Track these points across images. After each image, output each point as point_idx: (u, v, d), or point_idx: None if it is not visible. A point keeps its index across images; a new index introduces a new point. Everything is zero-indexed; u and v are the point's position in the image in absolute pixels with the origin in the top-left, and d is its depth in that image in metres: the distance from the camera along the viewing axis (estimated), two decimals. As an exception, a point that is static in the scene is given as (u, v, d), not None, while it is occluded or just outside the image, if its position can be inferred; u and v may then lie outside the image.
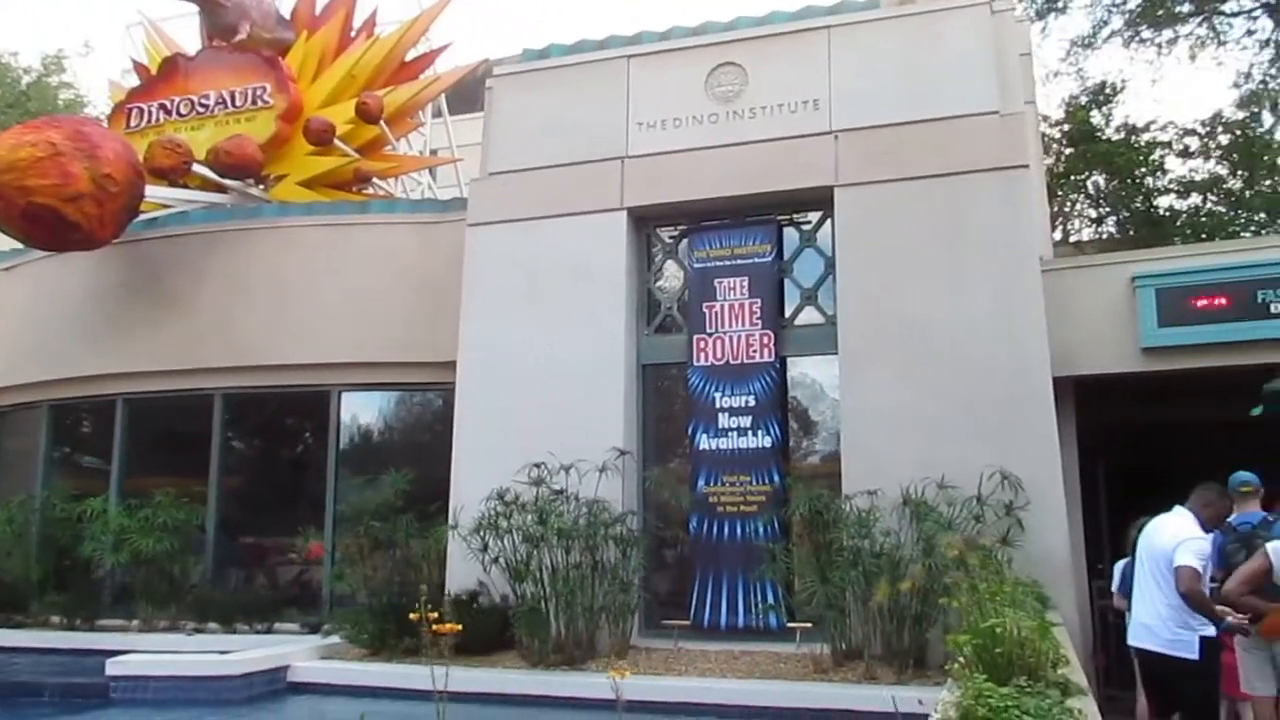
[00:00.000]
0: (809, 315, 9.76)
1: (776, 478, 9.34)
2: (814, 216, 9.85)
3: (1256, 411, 4.70)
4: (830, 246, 9.57)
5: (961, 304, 8.84)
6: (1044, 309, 8.76)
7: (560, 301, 10.02)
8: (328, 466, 11.39)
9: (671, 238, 10.40)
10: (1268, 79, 22.70)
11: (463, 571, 9.41)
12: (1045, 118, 22.31)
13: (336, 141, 13.12)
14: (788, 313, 9.84)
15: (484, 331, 10.22)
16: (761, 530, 9.24)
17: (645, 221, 10.32)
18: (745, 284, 9.79)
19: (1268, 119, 22.43)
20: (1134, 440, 11.19)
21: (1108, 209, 22.91)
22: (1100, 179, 22.50)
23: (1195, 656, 5.95)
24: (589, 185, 10.17)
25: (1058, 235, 22.56)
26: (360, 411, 11.85)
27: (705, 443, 9.66)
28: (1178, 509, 6.34)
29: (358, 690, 8.42)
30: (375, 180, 13.64)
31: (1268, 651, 6.30)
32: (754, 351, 9.64)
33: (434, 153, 16.16)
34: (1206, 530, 6.21)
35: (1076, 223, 23.93)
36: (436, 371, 10.92)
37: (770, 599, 9.04)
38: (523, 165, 10.51)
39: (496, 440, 9.78)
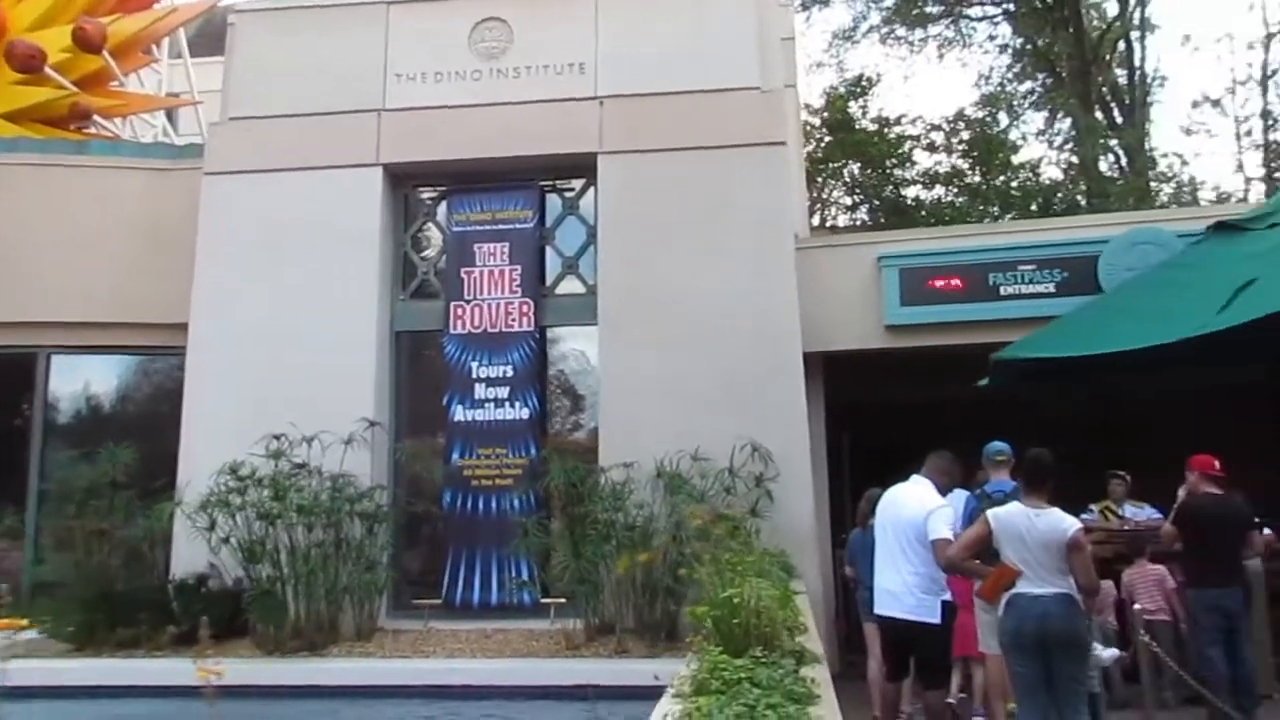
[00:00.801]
0: (570, 284, 9.56)
1: (534, 450, 9.09)
2: (578, 184, 9.64)
3: (983, 383, 4.90)
4: (593, 215, 9.39)
5: (719, 277, 8.88)
6: (797, 285, 8.94)
7: (307, 261, 9.31)
8: (33, 439, 10.17)
9: (430, 199, 9.91)
10: (1005, 82, 24.55)
11: (190, 553, 8.60)
12: (807, 106, 23.19)
13: (49, 71, 11.66)
14: (549, 281, 9.59)
15: (221, 291, 9.37)
16: (518, 504, 8.97)
17: (402, 180, 9.77)
18: (505, 250, 9.45)
19: (1004, 119, 24.27)
20: (880, 416, 11.70)
21: (861, 197, 24.12)
22: (855, 168, 23.66)
23: (938, 621, 6.17)
24: (341, 138, 9.50)
25: (816, 220, 23.54)
26: (77, 378, 10.65)
27: (461, 414, 9.27)
28: (915, 478, 6.55)
29: (61, 691, 7.48)
30: (99, 119, 12.26)
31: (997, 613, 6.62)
32: (513, 320, 9.33)
33: (175, 96, 14.78)
34: (944, 495, 6.43)
35: (833, 209, 25.08)
36: (167, 334, 9.90)
37: (525, 575, 8.79)
38: (268, 112, 9.68)
39: (232, 410, 9.00)
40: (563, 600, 8.37)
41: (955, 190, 23.04)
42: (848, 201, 24.81)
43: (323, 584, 8.29)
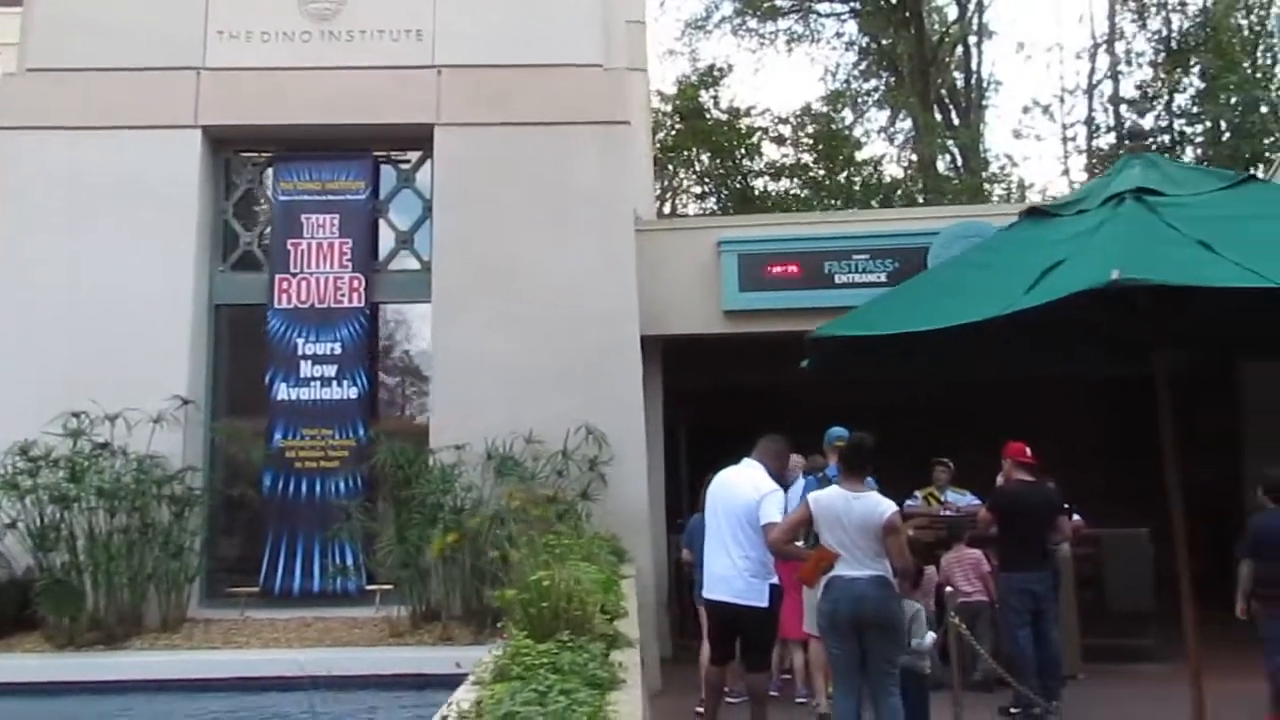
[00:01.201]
0: (404, 260, 9.22)
1: (362, 431, 8.72)
2: (414, 156, 9.30)
3: (805, 364, 4.90)
4: (429, 188, 9.07)
5: (558, 256, 8.72)
6: (636, 267, 8.87)
7: (115, 227, 8.65)
8: None
9: (255, 165, 9.37)
10: (851, 79, 25.21)
11: (-30, 541, 7.89)
12: (660, 93, 23.26)
13: None
14: (381, 256, 9.23)
15: (15, 256, 8.62)
16: (344, 488, 8.61)
17: (224, 144, 9.21)
18: (335, 222, 9.03)
19: (849, 116, 24.93)
20: (719, 401, 11.79)
21: (709, 186, 24.38)
22: (705, 157, 23.90)
23: (765, 604, 6.17)
24: (155, 96, 8.86)
25: (667, 209, 23.69)
26: None
27: (285, 393, 8.82)
28: (747, 461, 6.55)
29: None
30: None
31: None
32: (342, 295, 8.93)
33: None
34: (777, 479, 6.44)
35: (684, 198, 25.28)
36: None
37: (349, 561, 8.44)
38: (73, 64, 8.94)
39: (28, 386, 8.28)
40: (389, 587, 8.07)
41: (800, 183, 23.54)
42: (697, 190, 25.06)
43: (125, 572, 7.75)
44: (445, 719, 2.43)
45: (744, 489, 6.26)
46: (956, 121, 23.58)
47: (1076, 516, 8.43)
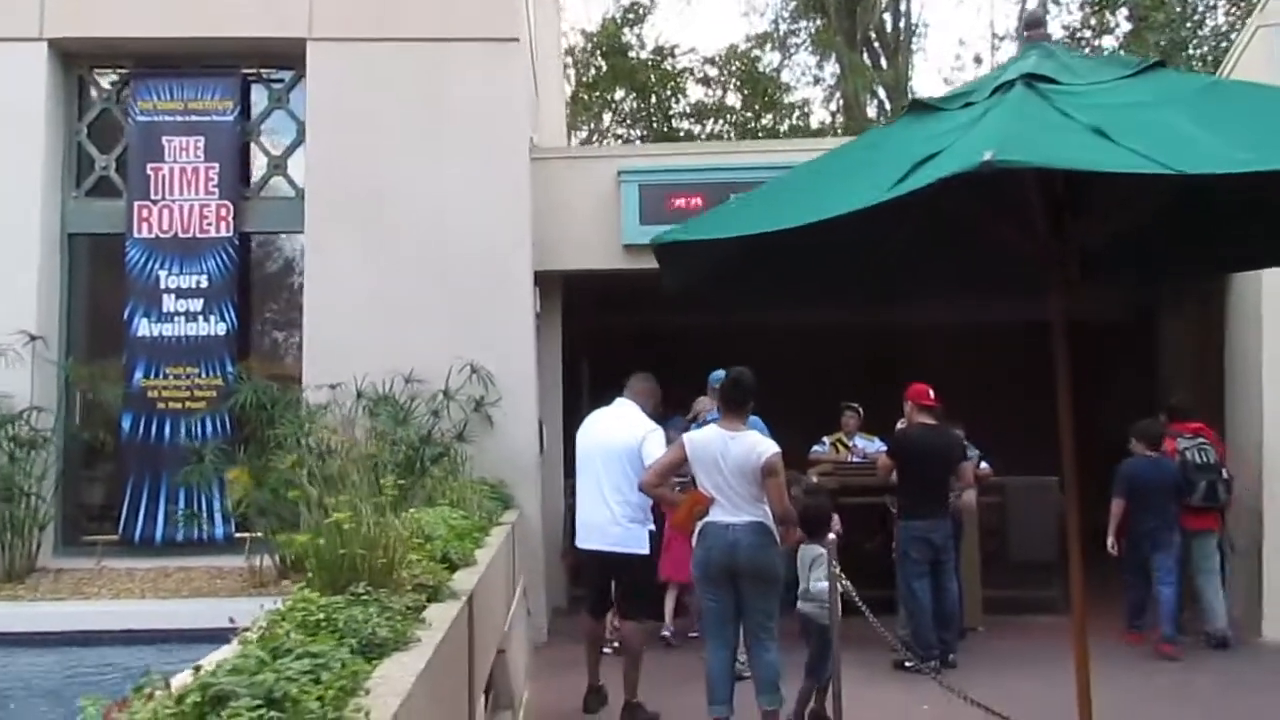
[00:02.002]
0: (277, 186, 8.59)
1: (230, 370, 8.13)
2: (287, 75, 8.61)
3: (665, 285, 4.36)
4: (305, 110, 8.41)
5: (443, 184, 8.15)
6: (530, 196, 8.36)
7: (-48, 148, 7.90)
8: None
9: (112, 83, 8.62)
10: (779, 20, 24.65)
11: None
12: (583, 32, 22.53)
13: None
14: (252, 182, 8.58)
15: None
16: (210, 429, 8.05)
17: (75, 59, 8.43)
18: (201, 145, 8.34)
19: (776, 58, 24.41)
20: (623, 343, 11.36)
21: (632, 128, 23.75)
22: (631, 101, 23.26)
23: (645, 551, 5.92)
24: (-7, 3, 8.07)
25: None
26: None
27: (146, 328, 8.19)
28: (620, 401, 6.20)
29: None
30: None
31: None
32: (209, 224, 8.28)
33: None
34: (655, 419, 6.13)
35: (609, 139, 24.62)
36: None
37: (216, 506, 7.91)
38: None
39: None
40: (259, 534, 7.56)
41: (725, 125, 23.03)
42: (620, 133, 24.40)
43: (-37, 520, 7.15)
44: (141, 688, 1.97)
45: (621, 430, 5.94)
46: (885, 65, 23.20)
47: (985, 464, 8.20)
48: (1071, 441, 3.53)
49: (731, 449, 5.11)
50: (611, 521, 5.84)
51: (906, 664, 6.53)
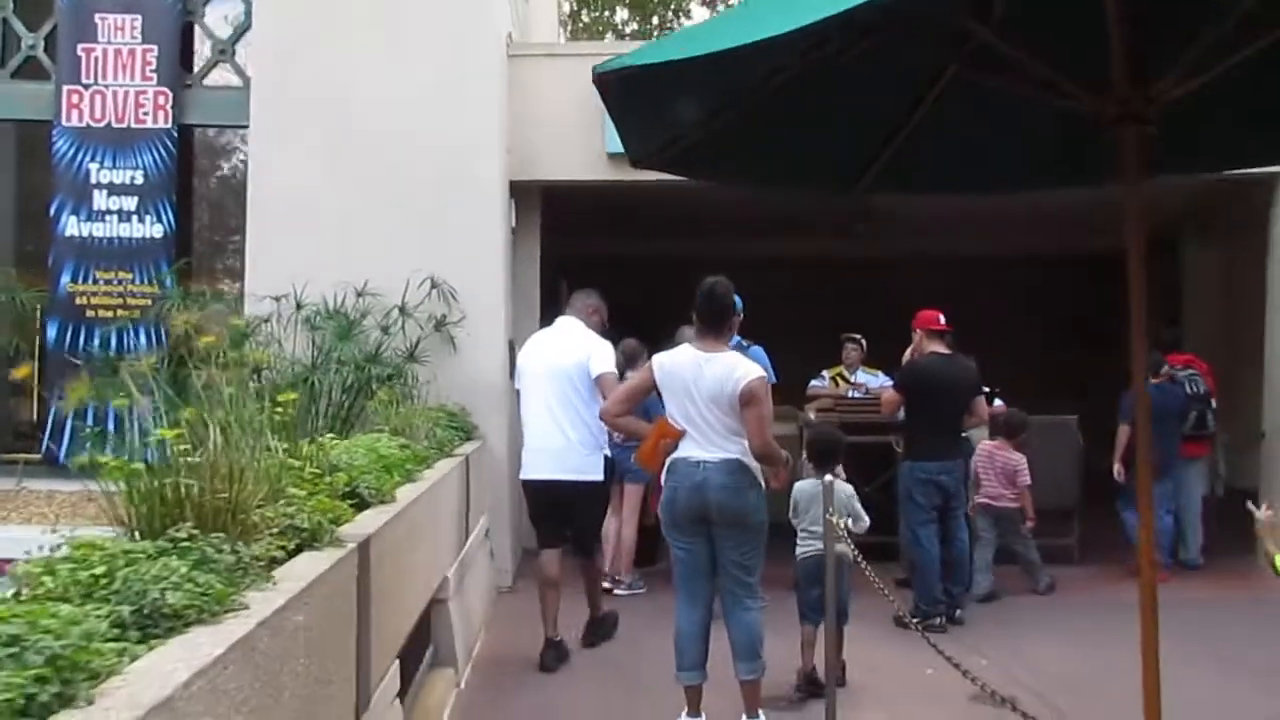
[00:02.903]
0: (222, 75, 7.75)
1: (168, 276, 7.37)
2: (236, -52, 7.71)
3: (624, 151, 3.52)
4: (255, -11, 7.54)
5: (405, 76, 7.29)
6: (506, 96, 7.51)
7: None
8: None
9: (39, -49, 7.73)
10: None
11: None
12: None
13: None
14: (196, 69, 7.72)
15: None
16: (144, 340, 7.32)
17: (-3, -78, 7.55)
18: (137, 25, 7.49)
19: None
20: (611, 270, 10.61)
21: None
22: (635, 23, 22.30)
23: (601, 478, 5.54)
24: None
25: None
26: None
27: (75, 227, 7.43)
28: (565, 319, 5.74)
29: None
30: None
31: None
32: (145, 114, 7.47)
33: None
34: (602, 335, 5.72)
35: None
36: None
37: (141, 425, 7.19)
38: None
39: None
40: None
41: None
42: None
43: None
44: None
45: (567, 348, 5.46)
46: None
47: (998, 401, 7.44)
48: (1143, 350, 2.78)
49: (705, 373, 4.32)
50: (567, 447, 5.40)
51: (910, 619, 5.83)
